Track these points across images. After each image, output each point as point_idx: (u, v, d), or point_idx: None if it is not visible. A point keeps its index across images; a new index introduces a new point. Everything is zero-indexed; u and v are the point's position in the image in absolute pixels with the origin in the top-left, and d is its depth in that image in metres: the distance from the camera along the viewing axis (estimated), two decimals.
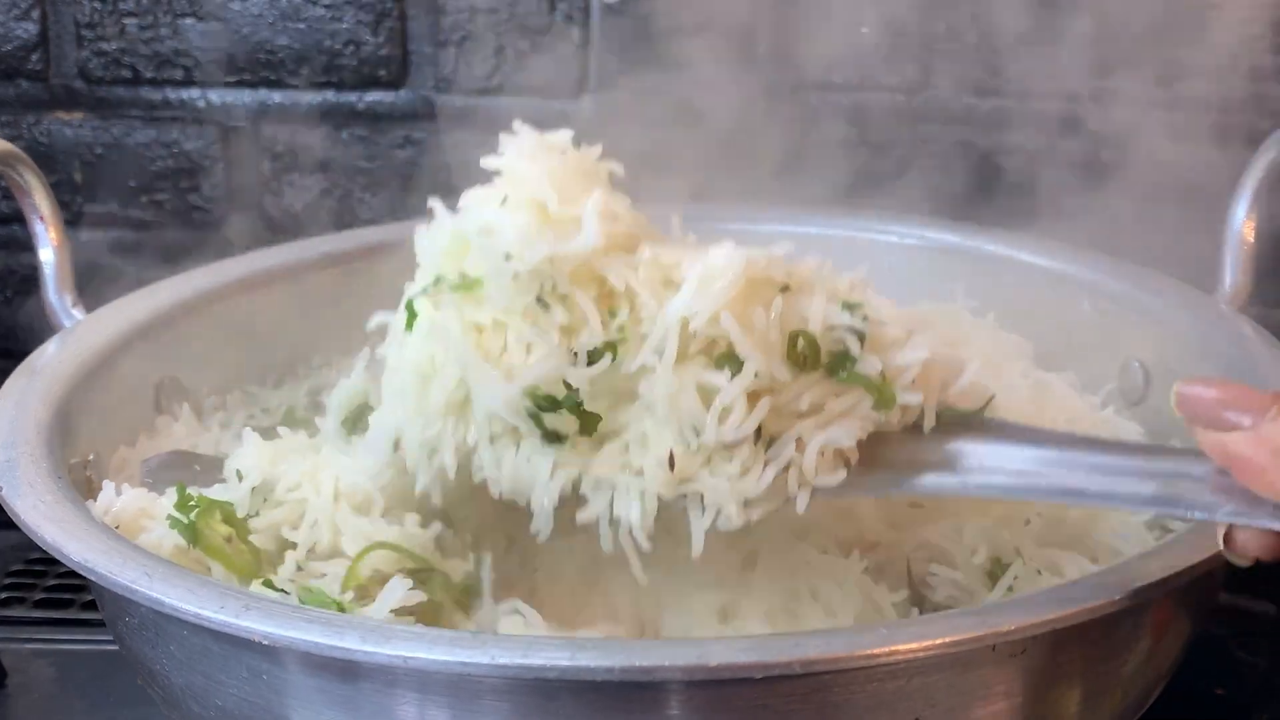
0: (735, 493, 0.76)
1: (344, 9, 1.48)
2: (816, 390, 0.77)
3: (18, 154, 1.08)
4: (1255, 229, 1.07)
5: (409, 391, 0.82)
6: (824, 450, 0.77)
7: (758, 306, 0.76)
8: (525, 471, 0.79)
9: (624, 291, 0.78)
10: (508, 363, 0.78)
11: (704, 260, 0.77)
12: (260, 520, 0.88)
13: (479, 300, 0.80)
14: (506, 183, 0.82)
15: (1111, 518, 0.97)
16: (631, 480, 0.77)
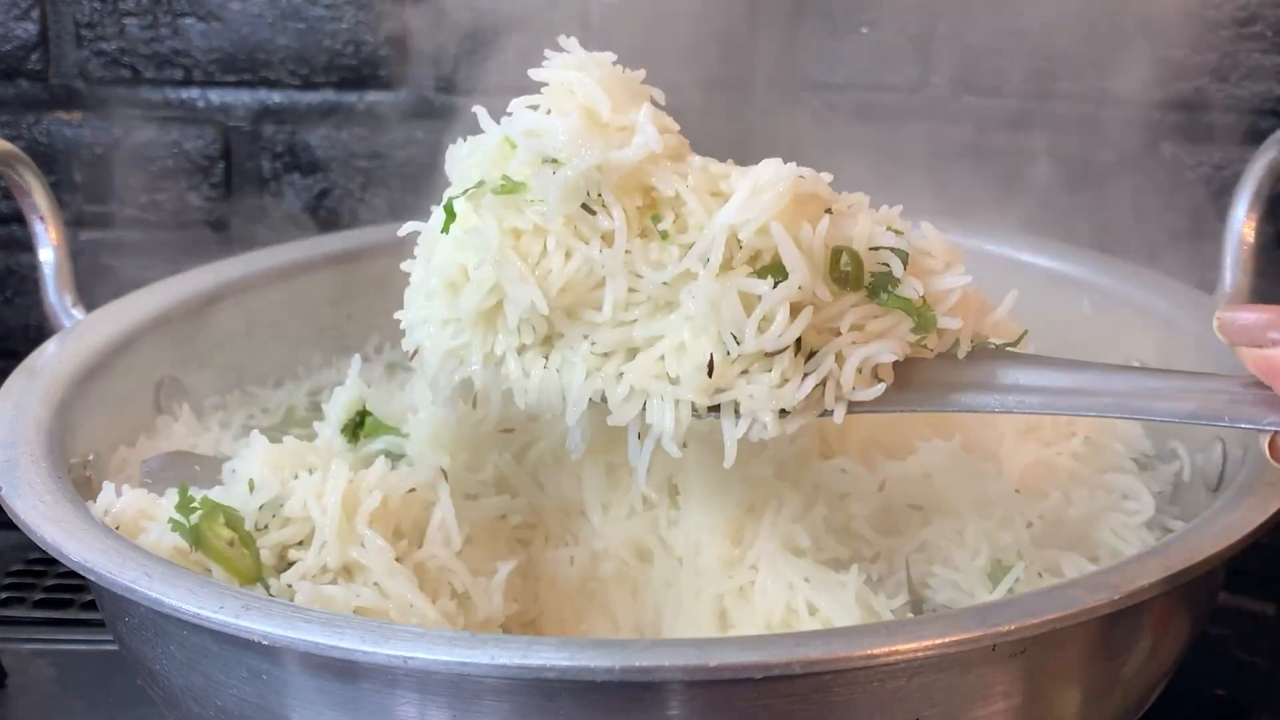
0: (772, 401, 0.76)
1: (344, 9, 1.48)
2: (858, 310, 0.77)
3: (17, 154, 1.08)
4: (1255, 229, 1.07)
5: (436, 300, 0.83)
6: (862, 366, 0.77)
7: (804, 222, 0.77)
8: (554, 381, 0.80)
9: (671, 198, 0.79)
10: (545, 267, 0.78)
11: (753, 173, 0.78)
12: (269, 537, 0.88)
13: (520, 204, 0.80)
14: (555, 91, 0.82)
15: (1111, 518, 0.97)
16: (666, 388, 0.78)
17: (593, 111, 0.79)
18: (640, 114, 0.79)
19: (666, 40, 1.43)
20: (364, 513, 0.87)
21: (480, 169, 0.82)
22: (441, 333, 0.83)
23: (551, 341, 0.80)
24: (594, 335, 0.79)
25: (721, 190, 0.79)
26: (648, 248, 0.78)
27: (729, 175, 0.79)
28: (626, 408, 0.79)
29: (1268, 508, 0.80)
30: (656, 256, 0.78)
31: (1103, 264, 1.19)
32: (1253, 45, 1.33)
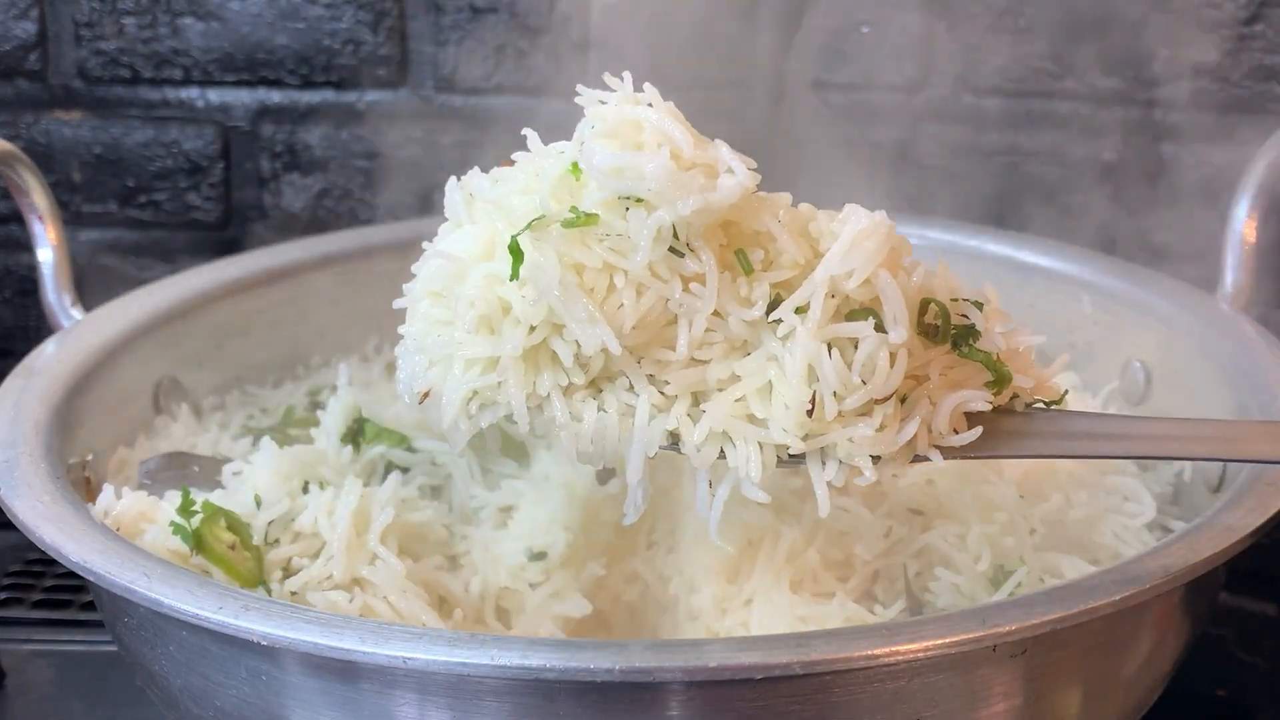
0: (874, 447, 0.74)
1: (344, 9, 1.48)
2: (942, 360, 0.76)
3: (16, 154, 1.08)
4: (1255, 229, 1.07)
5: (463, 337, 0.77)
6: (953, 411, 0.76)
7: (900, 271, 0.75)
8: (613, 424, 0.75)
9: (762, 233, 0.75)
10: (615, 302, 0.74)
11: (850, 221, 0.75)
12: (278, 551, 0.88)
13: (587, 239, 0.74)
14: (623, 128, 0.76)
15: (1112, 520, 0.97)
16: (750, 430, 0.74)
17: (675, 149, 0.74)
18: (721, 150, 0.75)
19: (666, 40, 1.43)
20: (376, 529, 0.87)
21: (537, 199, 0.76)
22: (465, 373, 0.77)
23: (599, 383, 0.76)
24: (663, 375, 0.75)
25: (810, 232, 0.76)
26: (736, 284, 0.75)
27: (816, 218, 0.77)
28: (706, 451, 0.75)
29: (1268, 508, 0.80)
30: (745, 294, 0.75)
31: (1103, 264, 1.18)
32: (1253, 45, 1.33)
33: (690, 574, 0.91)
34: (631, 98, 0.77)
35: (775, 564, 0.89)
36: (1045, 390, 0.80)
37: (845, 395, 0.73)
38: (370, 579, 0.86)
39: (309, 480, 0.92)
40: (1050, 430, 0.78)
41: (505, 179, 0.79)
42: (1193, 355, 1.04)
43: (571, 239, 0.74)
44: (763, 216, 0.75)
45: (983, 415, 0.77)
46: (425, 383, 0.79)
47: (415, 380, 0.79)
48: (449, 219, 0.81)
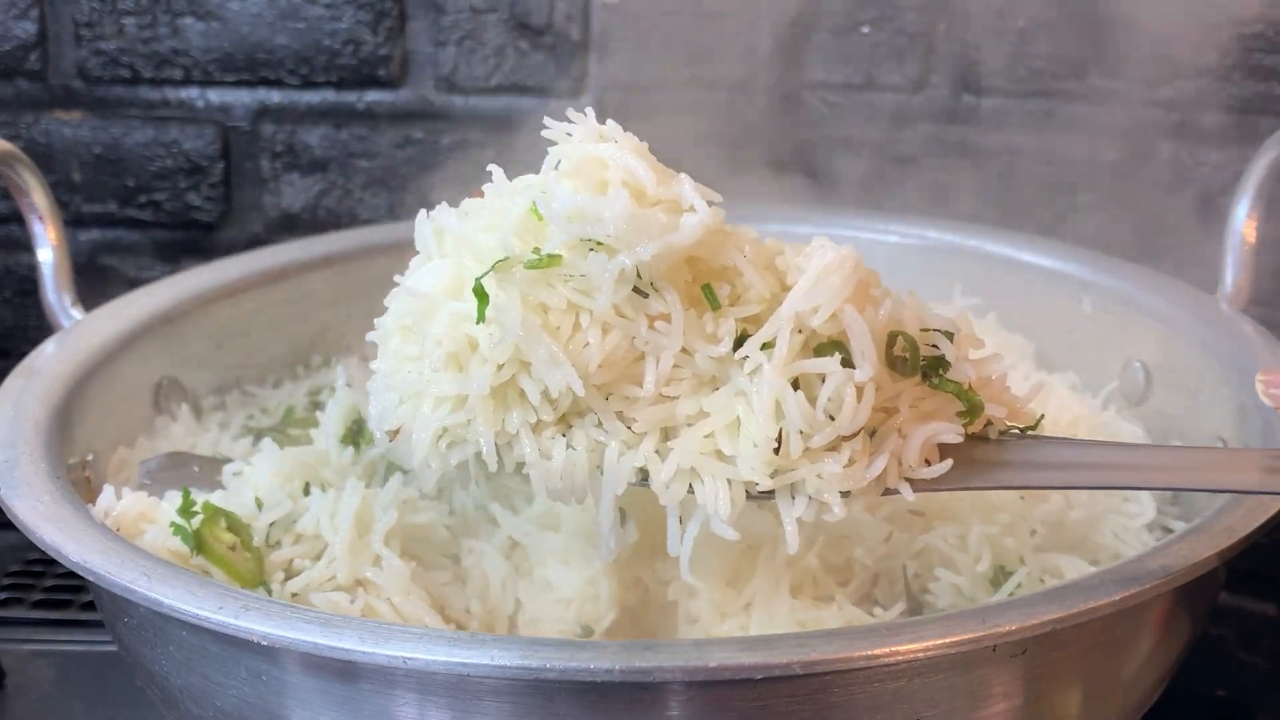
0: (842, 483, 0.74)
1: (344, 9, 1.48)
2: (912, 392, 0.76)
3: (16, 154, 1.08)
4: (1255, 229, 1.07)
5: (432, 375, 0.76)
6: (924, 443, 0.75)
7: (867, 305, 0.75)
8: (581, 462, 0.75)
9: (727, 268, 0.75)
10: (580, 341, 0.74)
11: (816, 255, 0.75)
12: (280, 553, 0.88)
13: (551, 279, 0.74)
14: (584, 166, 0.76)
15: (1112, 521, 0.97)
16: (718, 466, 0.74)
17: (637, 187, 0.74)
18: (684, 187, 0.75)
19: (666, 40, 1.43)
20: (379, 531, 0.87)
21: (501, 238, 0.76)
22: (434, 411, 0.77)
23: (568, 419, 0.76)
24: (631, 412, 0.75)
25: (777, 266, 0.76)
26: (701, 320, 0.74)
27: (783, 251, 0.77)
28: (674, 488, 0.74)
29: (1268, 508, 0.80)
30: (711, 330, 0.74)
31: (1103, 264, 1.18)
32: (1253, 45, 1.33)
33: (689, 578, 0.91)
34: (595, 133, 0.76)
35: (775, 568, 0.89)
36: (1019, 416, 0.79)
37: (811, 433, 0.72)
38: (374, 580, 0.86)
39: (310, 482, 0.92)
40: (1023, 460, 0.77)
41: (472, 214, 0.79)
42: (1193, 355, 1.04)
43: (535, 280, 0.74)
44: (728, 251, 0.75)
45: (956, 445, 0.76)
46: (395, 420, 0.78)
47: (386, 418, 0.79)
48: (419, 252, 0.81)
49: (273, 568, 0.88)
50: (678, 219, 0.73)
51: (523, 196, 0.76)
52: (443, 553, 0.93)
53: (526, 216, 0.75)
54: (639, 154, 0.75)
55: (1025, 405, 0.79)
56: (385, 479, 0.96)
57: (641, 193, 0.74)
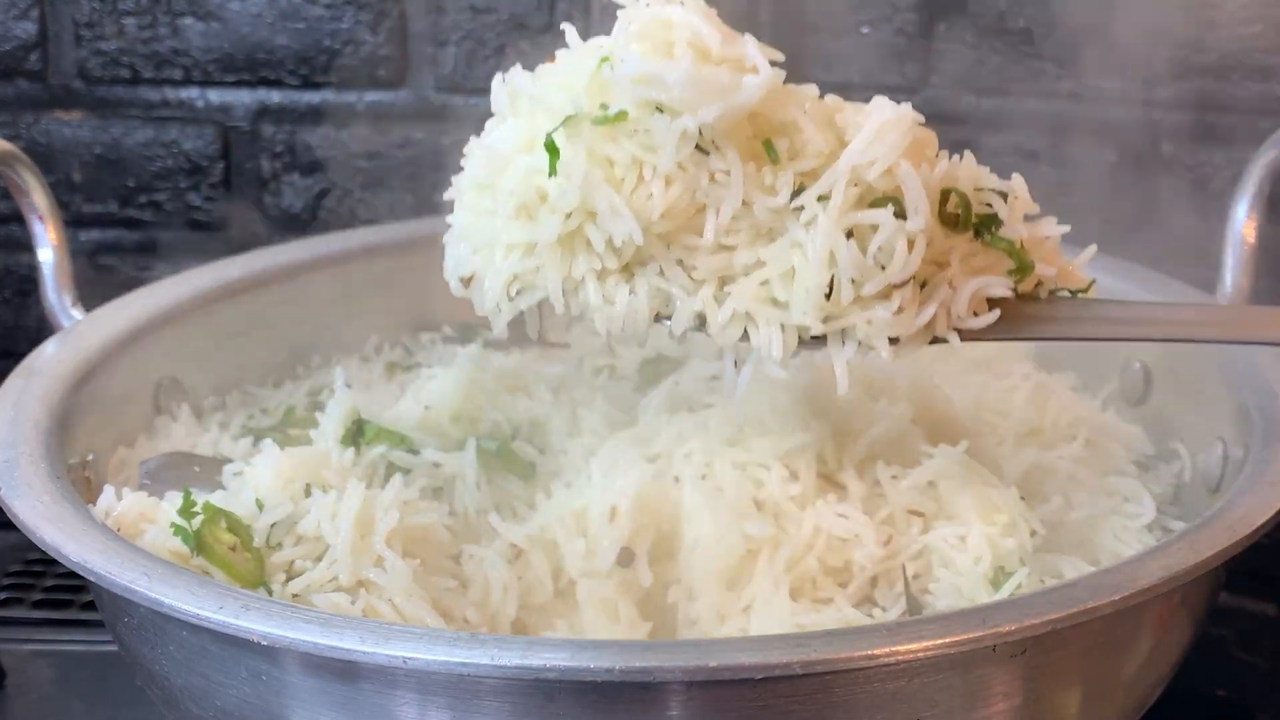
0: (891, 329, 0.77)
1: (344, 9, 1.48)
2: (964, 248, 0.79)
3: (16, 154, 1.08)
4: (1255, 229, 1.07)
5: (503, 223, 0.80)
6: (973, 295, 0.78)
7: (923, 162, 0.78)
8: (642, 307, 0.79)
9: (788, 123, 0.78)
10: (644, 193, 0.77)
11: (874, 113, 0.78)
12: (281, 554, 0.88)
13: (616, 134, 0.78)
14: (651, 27, 0.79)
15: (1112, 521, 0.97)
16: (773, 312, 0.77)
17: (702, 47, 0.77)
18: (748, 46, 0.78)
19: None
20: (382, 532, 0.87)
21: (571, 95, 0.79)
22: (505, 258, 0.81)
23: (631, 268, 0.79)
24: (691, 260, 0.78)
25: (836, 123, 0.79)
26: (760, 173, 0.77)
27: (843, 109, 0.80)
28: (729, 331, 0.78)
29: (1268, 508, 0.80)
30: (770, 182, 0.77)
31: (1103, 264, 1.18)
32: (1253, 45, 1.33)
33: (689, 581, 0.91)
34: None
35: (774, 571, 0.89)
36: (1070, 279, 0.82)
37: (863, 281, 0.75)
38: (376, 582, 0.86)
39: (311, 483, 0.92)
40: (1070, 315, 0.81)
41: (545, 74, 0.82)
42: (1193, 355, 1.04)
43: (602, 135, 0.78)
44: (789, 108, 0.78)
45: (1004, 301, 0.79)
46: (469, 267, 0.83)
47: (460, 265, 0.84)
48: (494, 113, 0.85)
49: (273, 569, 0.87)
50: (740, 79, 0.76)
51: (592, 57, 0.80)
52: (444, 553, 0.93)
53: (596, 74, 0.79)
54: (705, 15, 0.79)
55: (1076, 269, 0.83)
56: (386, 480, 0.96)
57: (707, 52, 0.78)
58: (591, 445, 1.00)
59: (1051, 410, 1.07)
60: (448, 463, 0.98)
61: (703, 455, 0.94)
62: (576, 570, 0.91)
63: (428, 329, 1.25)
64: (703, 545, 0.90)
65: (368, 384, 1.18)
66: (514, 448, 1.01)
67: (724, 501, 0.91)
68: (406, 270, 1.23)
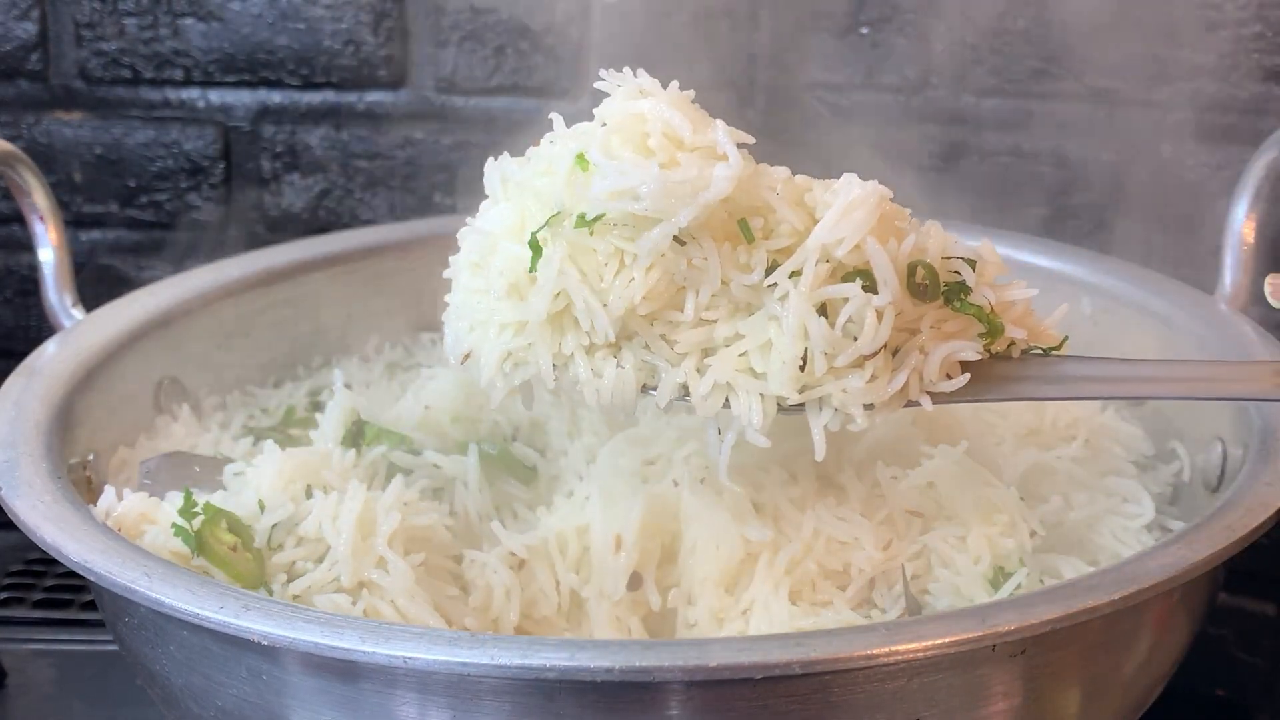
0: (865, 397, 0.79)
1: (344, 9, 1.48)
2: (934, 314, 0.81)
3: (17, 154, 1.08)
4: (1255, 229, 1.07)
5: (495, 303, 0.84)
6: (943, 361, 0.81)
7: (890, 238, 0.80)
8: (629, 379, 0.82)
9: (760, 206, 0.81)
10: (627, 277, 0.80)
11: (843, 191, 0.80)
12: (282, 555, 0.88)
13: (598, 230, 0.81)
14: (624, 125, 0.82)
15: (1111, 522, 0.97)
16: (752, 382, 0.80)
17: (675, 138, 0.81)
18: (718, 133, 0.81)
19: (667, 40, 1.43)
20: (384, 534, 0.87)
21: (553, 188, 0.83)
22: (500, 336, 0.84)
23: (618, 342, 0.82)
24: (673, 335, 0.82)
25: (806, 202, 0.82)
26: (735, 252, 0.80)
27: (812, 188, 0.82)
28: (711, 401, 0.81)
29: (1268, 508, 0.80)
30: (745, 260, 0.80)
31: (1103, 264, 1.18)
32: (1253, 45, 1.33)
33: (688, 586, 0.91)
34: (635, 89, 0.83)
35: (774, 575, 0.89)
36: (1042, 338, 0.85)
37: (835, 354, 0.79)
38: (378, 583, 0.86)
39: (312, 484, 0.92)
40: (1040, 374, 0.84)
41: (532, 161, 0.86)
42: (1192, 355, 1.04)
43: (583, 232, 0.81)
44: (760, 191, 0.81)
45: (977, 363, 0.82)
46: (467, 345, 0.86)
47: (458, 343, 0.87)
48: (489, 196, 0.88)
49: (274, 569, 0.88)
50: (710, 173, 0.79)
51: (571, 150, 0.83)
52: (445, 554, 0.93)
53: (572, 175, 0.82)
54: (676, 104, 0.82)
55: (1048, 328, 0.85)
56: (387, 481, 0.96)
57: (679, 142, 0.81)
58: (591, 446, 1.00)
59: (1050, 411, 1.07)
60: (448, 465, 0.98)
61: (702, 458, 0.94)
62: (585, 591, 0.92)
63: (428, 329, 1.25)
64: (701, 549, 0.90)
65: (368, 384, 1.18)
66: (515, 451, 1.01)
67: (723, 504, 0.91)
68: (406, 270, 1.23)
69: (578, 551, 0.93)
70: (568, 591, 0.92)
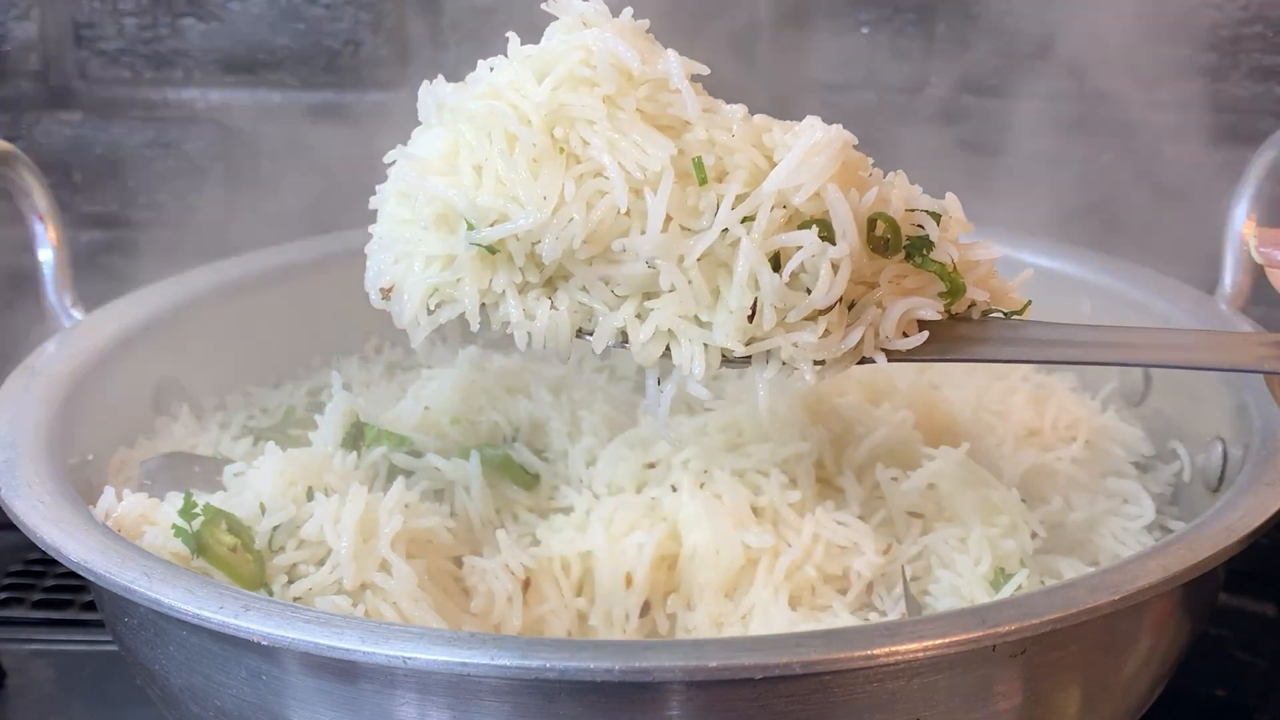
0: (814, 352, 0.76)
1: (344, 9, 1.48)
2: (894, 269, 0.77)
3: (16, 154, 1.08)
4: (1255, 229, 1.07)
5: (426, 232, 0.79)
6: (901, 318, 0.77)
7: (851, 187, 0.76)
8: (563, 322, 0.77)
9: (718, 144, 0.76)
10: (565, 215, 0.75)
11: (804, 134, 0.76)
12: (284, 557, 0.88)
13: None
14: (580, 50, 0.78)
15: (1112, 522, 0.97)
16: (695, 330, 0.76)
17: (624, 69, 0.76)
18: (670, 64, 0.77)
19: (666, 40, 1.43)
20: (386, 536, 0.87)
21: (490, 105, 0.78)
22: (426, 270, 0.79)
23: (554, 282, 0.78)
24: (615, 275, 0.77)
25: (764, 143, 0.77)
26: (684, 193, 0.76)
27: (771, 129, 0.78)
28: (650, 348, 0.77)
29: (1268, 508, 0.80)
30: (693, 203, 0.76)
31: (1103, 264, 1.18)
32: (1253, 45, 1.33)
33: (687, 591, 0.91)
34: (579, 19, 0.79)
35: (774, 580, 0.89)
36: (1005, 301, 0.81)
37: (785, 308, 0.75)
38: (382, 586, 0.86)
39: (313, 486, 0.92)
40: (1001, 337, 0.80)
41: (469, 85, 0.81)
42: None
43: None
44: (717, 131, 0.77)
45: (937, 323, 0.78)
46: (389, 278, 0.81)
47: (380, 276, 0.81)
48: (421, 121, 0.83)
49: (275, 571, 0.87)
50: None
51: (522, 68, 0.79)
52: (445, 555, 0.93)
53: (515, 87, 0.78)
54: (624, 34, 0.77)
55: (1011, 291, 0.81)
56: (387, 482, 0.96)
57: (629, 74, 0.76)
58: (592, 447, 1.00)
59: (1051, 412, 1.07)
60: (450, 469, 0.98)
61: (701, 462, 0.94)
62: (593, 619, 0.90)
63: None
64: (701, 555, 0.90)
65: (368, 383, 1.18)
66: (516, 456, 1.00)
67: (722, 509, 0.90)
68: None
69: (580, 573, 0.92)
70: (575, 612, 0.91)
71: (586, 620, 0.91)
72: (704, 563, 0.90)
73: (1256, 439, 0.90)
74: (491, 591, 0.90)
